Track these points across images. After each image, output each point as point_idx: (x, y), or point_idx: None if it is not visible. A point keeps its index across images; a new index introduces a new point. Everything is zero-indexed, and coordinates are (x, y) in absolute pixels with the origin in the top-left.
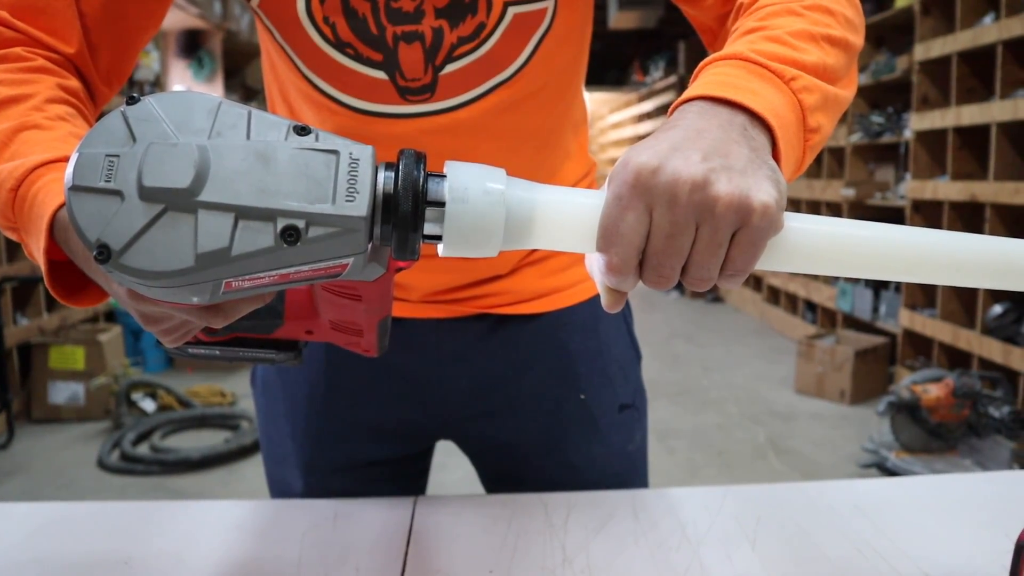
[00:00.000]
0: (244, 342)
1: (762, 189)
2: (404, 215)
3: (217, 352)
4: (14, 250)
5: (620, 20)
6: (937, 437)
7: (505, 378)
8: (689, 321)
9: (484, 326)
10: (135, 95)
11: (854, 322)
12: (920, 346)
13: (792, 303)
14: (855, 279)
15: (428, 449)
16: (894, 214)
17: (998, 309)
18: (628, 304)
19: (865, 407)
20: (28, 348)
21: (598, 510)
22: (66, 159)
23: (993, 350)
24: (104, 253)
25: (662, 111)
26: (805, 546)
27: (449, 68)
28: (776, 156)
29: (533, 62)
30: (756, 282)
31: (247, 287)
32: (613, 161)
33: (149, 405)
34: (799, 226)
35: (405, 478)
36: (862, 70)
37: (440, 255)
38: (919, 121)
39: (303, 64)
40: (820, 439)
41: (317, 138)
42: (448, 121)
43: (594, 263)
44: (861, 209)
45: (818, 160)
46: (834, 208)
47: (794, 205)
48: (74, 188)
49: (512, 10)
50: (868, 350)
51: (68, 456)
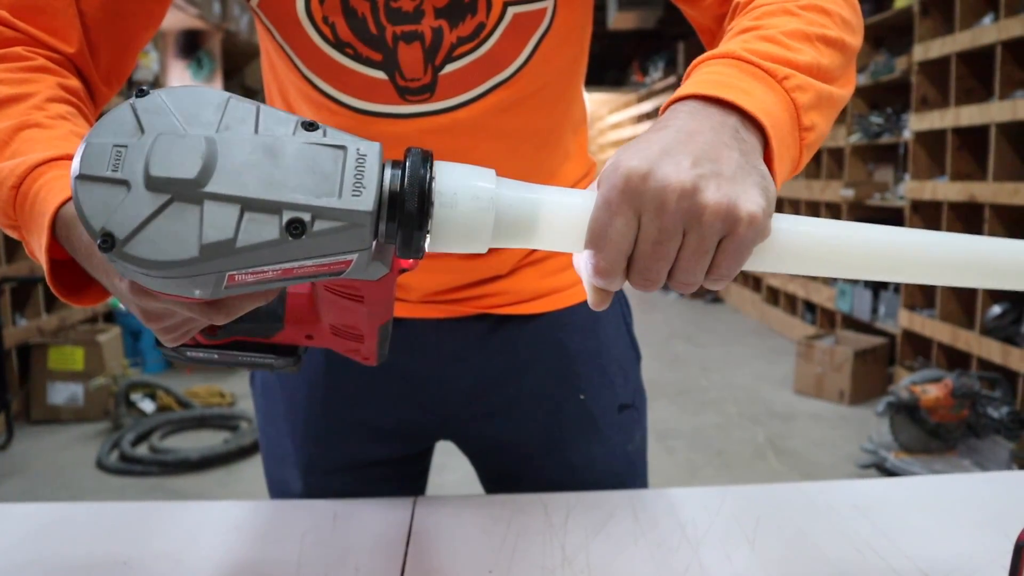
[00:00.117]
0: (243, 346)
1: (750, 198)
2: (410, 213)
3: (215, 356)
4: (13, 250)
5: (619, 20)
6: (936, 437)
7: (505, 378)
8: (689, 321)
9: (484, 326)
10: (144, 88)
11: (853, 323)
12: (919, 347)
13: (791, 304)
14: (854, 279)
15: (428, 449)
16: (893, 215)
17: (997, 310)
18: (628, 304)
19: (864, 407)
20: (27, 349)
21: (598, 510)
22: (67, 157)
23: (992, 351)
24: (108, 242)
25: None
26: (804, 546)
27: (449, 68)
28: (769, 156)
29: (533, 62)
30: (755, 283)
31: (250, 281)
32: None
33: (148, 406)
34: (786, 227)
35: (405, 478)
36: (861, 70)
37: (427, 249)
38: (918, 122)
39: (302, 64)
40: (819, 439)
41: (325, 134)
42: (447, 121)
43: (581, 262)
44: (860, 209)
45: (817, 160)
46: (833, 208)
47: (793, 205)
48: (80, 177)
49: (512, 10)
50: (867, 350)
51: (67, 457)
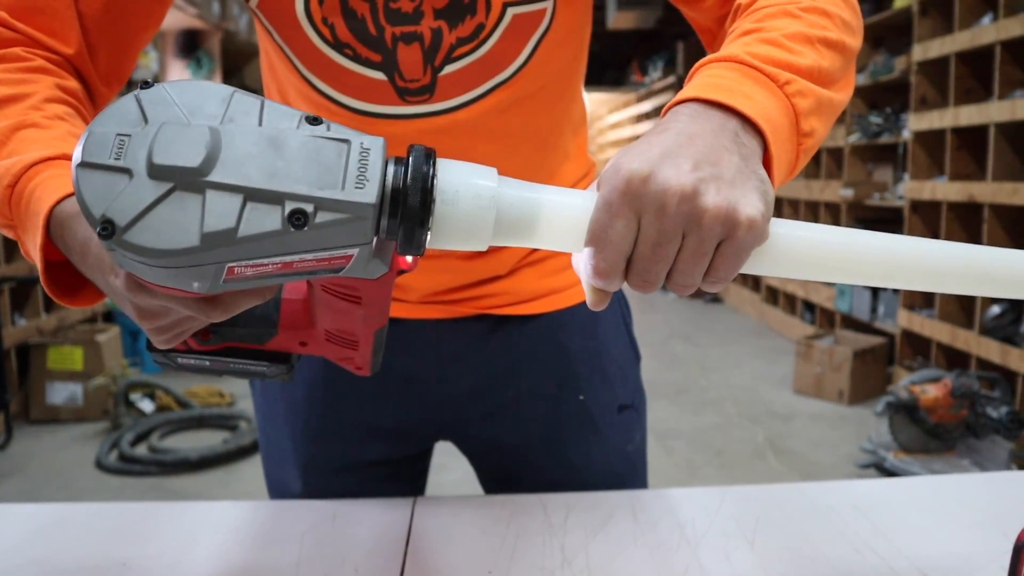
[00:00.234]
0: (236, 352)
1: (749, 202)
2: (412, 208)
3: (207, 363)
4: (12, 250)
5: (619, 20)
6: (935, 437)
7: (504, 379)
8: (688, 321)
9: (483, 327)
10: (149, 80)
11: (852, 322)
12: (918, 346)
13: (791, 303)
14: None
15: (427, 450)
16: (892, 214)
17: (996, 310)
18: (627, 304)
19: (863, 407)
20: (26, 349)
21: (597, 511)
22: (64, 157)
23: (991, 350)
24: (108, 229)
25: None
26: (804, 546)
27: (448, 69)
28: (767, 161)
29: (532, 63)
30: (755, 282)
31: (249, 275)
32: None
33: (147, 406)
34: (784, 232)
35: (404, 479)
36: (860, 70)
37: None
38: (917, 121)
39: (302, 65)
40: (818, 439)
41: (329, 128)
42: (447, 122)
43: (580, 262)
44: (859, 209)
45: (816, 160)
46: (832, 208)
47: (792, 205)
48: (82, 164)
49: (511, 11)
50: (866, 350)
51: (66, 457)
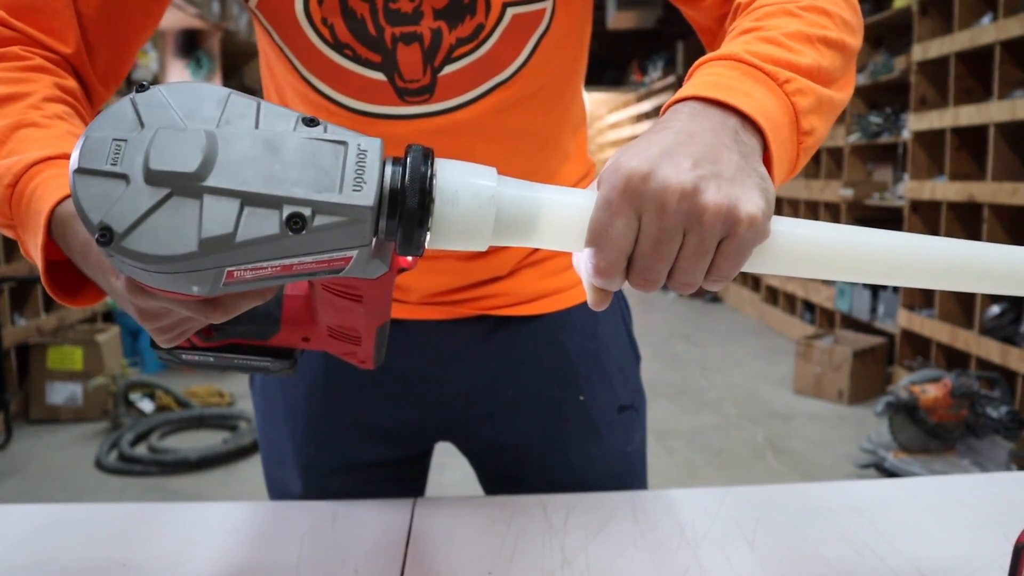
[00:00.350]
0: (239, 348)
1: (750, 200)
2: (411, 209)
3: (211, 359)
4: (12, 250)
5: (618, 20)
6: (935, 437)
7: (504, 379)
8: (688, 321)
9: (483, 327)
10: (144, 83)
11: (852, 322)
12: (918, 346)
13: (790, 303)
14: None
15: (427, 450)
16: (892, 215)
17: (996, 309)
18: (627, 305)
19: (863, 407)
20: (26, 348)
21: (597, 511)
22: (64, 156)
23: (991, 350)
24: (106, 235)
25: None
26: (804, 547)
27: (448, 69)
28: (767, 159)
29: (532, 63)
30: (755, 282)
31: (249, 278)
32: None
33: (147, 405)
34: (785, 230)
35: (404, 479)
36: (860, 70)
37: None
38: (917, 121)
39: (301, 65)
40: (818, 439)
41: (326, 130)
42: (447, 122)
43: (581, 261)
44: (859, 209)
45: (816, 160)
46: (832, 208)
47: (792, 206)
48: (79, 170)
49: (511, 11)
50: (866, 350)
51: (66, 457)
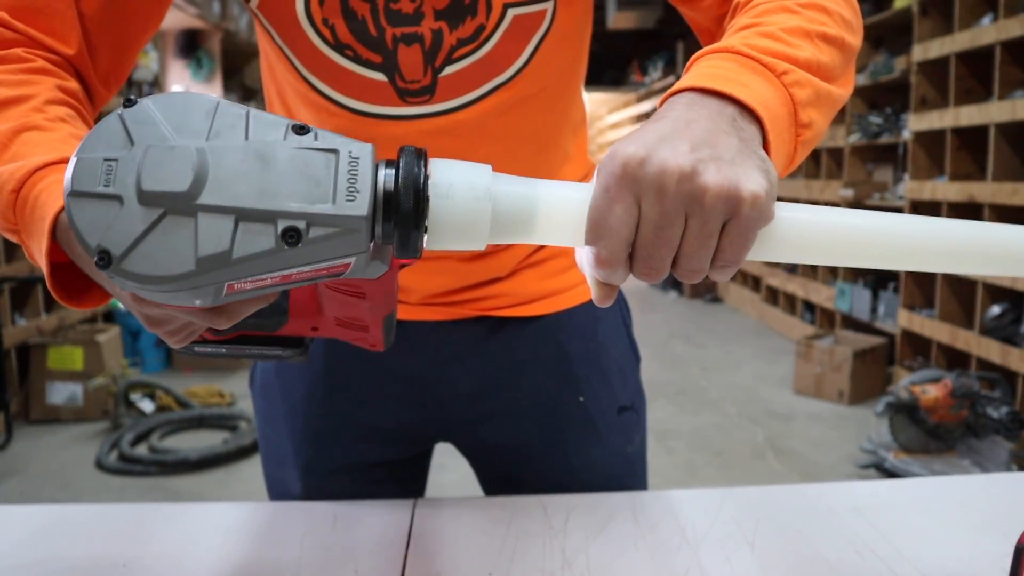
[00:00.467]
0: (250, 339)
1: (751, 179)
2: (406, 213)
3: (223, 350)
4: (12, 250)
5: (619, 20)
6: (935, 438)
7: (504, 380)
8: (688, 321)
9: (483, 328)
10: (132, 97)
11: (853, 322)
12: (918, 346)
13: (791, 303)
14: (854, 278)
15: (427, 451)
16: None
17: (996, 310)
18: (627, 306)
19: (863, 407)
20: (26, 349)
21: (597, 512)
22: (67, 160)
23: (991, 351)
24: (105, 259)
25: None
26: (804, 548)
27: (448, 70)
28: (766, 149)
29: (533, 64)
30: (755, 282)
31: (250, 289)
32: None
33: (147, 406)
34: (790, 215)
35: (404, 480)
36: (860, 70)
37: (425, 247)
38: (917, 122)
39: (302, 66)
40: (818, 439)
41: (316, 137)
42: (447, 123)
43: (584, 256)
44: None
45: (816, 160)
46: None
47: None
48: (73, 194)
49: (512, 12)
50: (867, 350)
51: (66, 457)
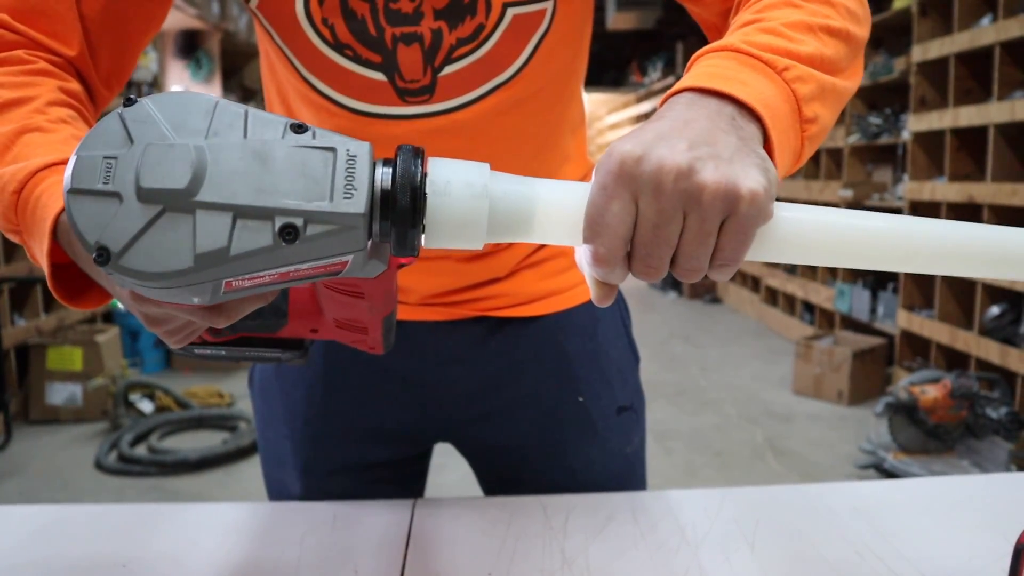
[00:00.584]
0: (249, 342)
1: (749, 176)
2: (402, 211)
3: (223, 352)
4: (12, 251)
5: (618, 21)
6: (935, 438)
7: (503, 380)
8: (687, 322)
9: (482, 328)
10: (132, 96)
11: (852, 323)
12: (918, 347)
13: (790, 304)
14: (853, 279)
15: (426, 451)
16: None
17: (996, 310)
18: (626, 306)
19: (863, 408)
20: (26, 349)
21: (597, 512)
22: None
23: (991, 351)
24: (103, 255)
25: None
26: (804, 548)
27: (448, 69)
28: (769, 147)
29: (532, 64)
30: (754, 283)
31: (248, 286)
32: None
33: (147, 406)
34: (790, 215)
35: (403, 480)
36: None
37: (423, 245)
38: (917, 122)
39: (302, 66)
40: (818, 440)
41: (314, 136)
42: (447, 122)
43: (583, 255)
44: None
45: (816, 161)
46: None
47: None
48: (72, 191)
49: (511, 11)
50: (866, 351)
51: (65, 457)
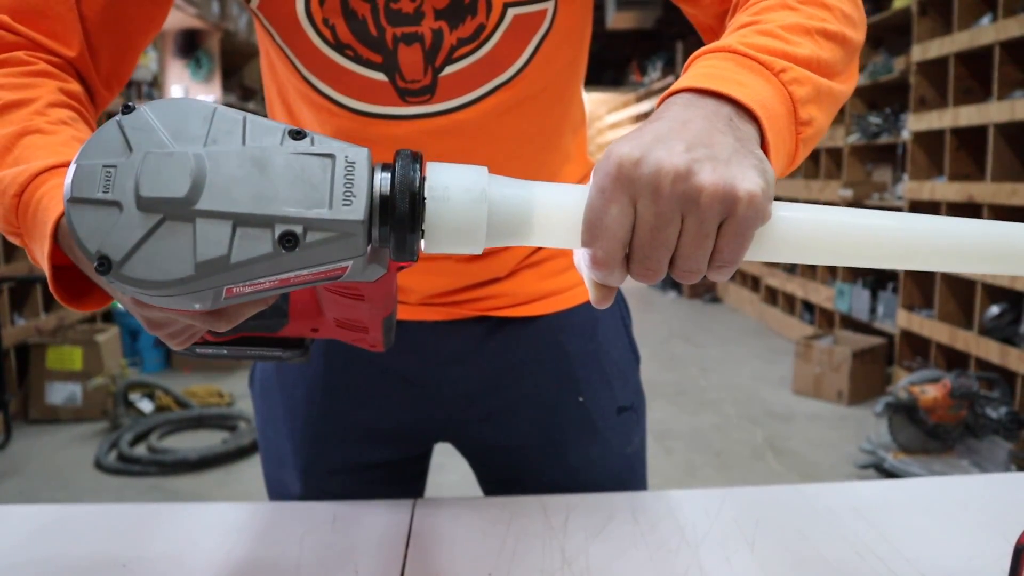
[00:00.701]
0: (250, 341)
1: (747, 178)
2: (402, 216)
3: (224, 351)
4: (12, 250)
5: (618, 20)
6: (935, 438)
7: (504, 380)
8: (687, 321)
9: (483, 328)
10: (130, 104)
11: (852, 322)
12: (918, 347)
13: (790, 303)
14: (853, 278)
15: (427, 451)
16: None
17: (995, 310)
18: (627, 306)
19: (863, 408)
20: (26, 348)
21: (597, 512)
22: (69, 165)
23: (990, 351)
24: (105, 264)
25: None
26: (804, 549)
27: (449, 70)
28: (765, 148)
29: (533, 64)
30: (754, 282)
31: (248, 292)
32: None
33: (147, 406)
34: (787, 215)
35: (404, 480)
36: (860, 70)
37: (423, 250)
38: (917, 122)
39: (302, 66)
40: (818, 440)
41: (312, 142)
42: (448, 123)
43: (581, 258)
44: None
45: (815, 160)
46: None
47: None
48: (73, 200)
49: (512, 11)
50: (866, 351)
51: (65, 457)
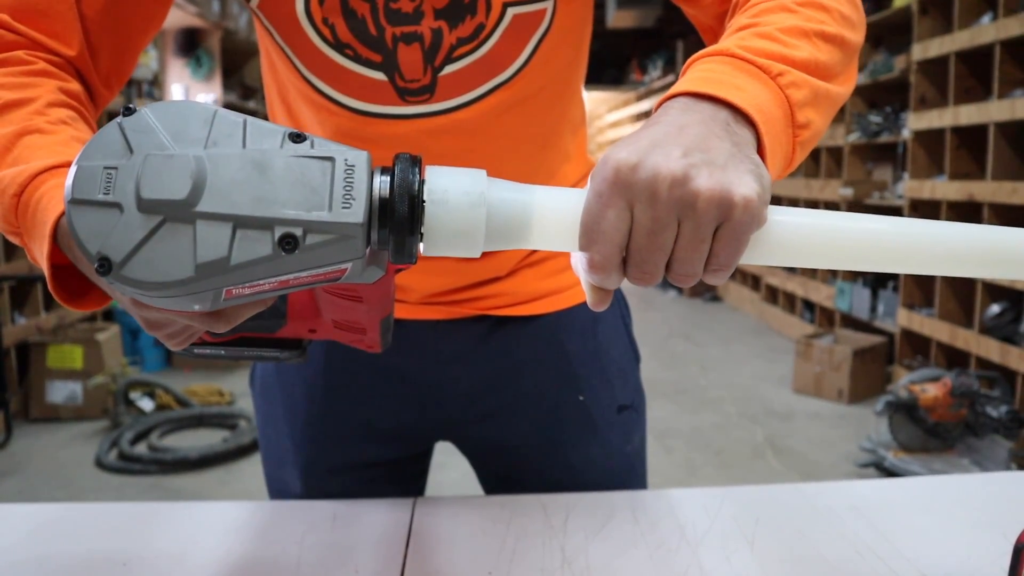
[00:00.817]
0: (248, 341)
1: (743, 183)
2: (401, 219)
3: (222, 352)
4: (12, 249)
5: (618, 19)
6: (935, 436)
7: (504, 380)
8: (687, 320)
9: (483, 328)
10: (131, 106)
11: (852, 321)
12: (918, 345)
13: (790, 302)
14: (853, 277)
15: (427, 450)
16: (892, 214)
17: (996, 309)
18: (627, 305)
19: (863, 406)
20: (26, 347)
21: (597, 511)
22: (69, 164)
23: (991, 349)
24: (105, 266)
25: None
26: (803, 547)
27: (448, 69)
28: (761, 152)
29: (532, 63)
30: (754, 281)
31: (248, 294)
32: None
33: (147, 404)
34: (783, 219)
35: (404, 479)
36: (860, 70)
37: (421, 253)
38: (917, 121)
39: (302, 65)
40: (818, 438)
41: (312, 145)
42: (448, 122)
43: (579, 261)
44: (859, 208)
45: (816, 159)
46: (832, 208)
47: (792, 205)
48: (73, 201)
49: (511, 11)
50: (866, 349)
51: (66, 455)
